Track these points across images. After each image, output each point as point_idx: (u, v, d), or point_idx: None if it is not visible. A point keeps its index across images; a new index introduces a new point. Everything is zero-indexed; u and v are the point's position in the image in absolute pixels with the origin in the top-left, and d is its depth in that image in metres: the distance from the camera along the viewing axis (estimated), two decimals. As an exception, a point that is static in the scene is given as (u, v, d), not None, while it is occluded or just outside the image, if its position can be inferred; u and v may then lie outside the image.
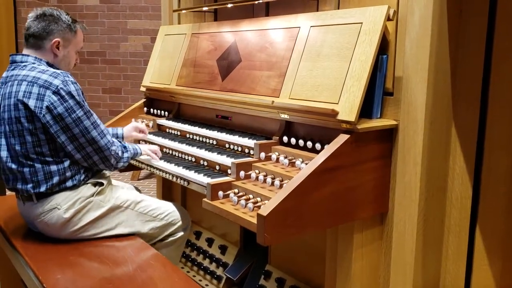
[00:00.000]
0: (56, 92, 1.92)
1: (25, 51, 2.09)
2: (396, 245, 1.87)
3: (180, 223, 2.29)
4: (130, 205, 2.17)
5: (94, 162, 2.06)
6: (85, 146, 2.01)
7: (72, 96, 1.95)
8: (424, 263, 1.86)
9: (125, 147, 2.22)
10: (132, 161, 2.62)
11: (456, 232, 1.89)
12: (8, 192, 4.32)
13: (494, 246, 1.87)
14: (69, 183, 2.03)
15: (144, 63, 5.85)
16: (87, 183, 2.09)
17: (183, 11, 2.94)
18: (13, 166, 2.01)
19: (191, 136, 2.54)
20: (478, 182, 1.84)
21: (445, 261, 1.93)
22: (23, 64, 2.04)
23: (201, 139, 2.46)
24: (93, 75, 6.04)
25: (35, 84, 1.94)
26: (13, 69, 2.05)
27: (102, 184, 2.12)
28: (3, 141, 2.01)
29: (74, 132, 1.96)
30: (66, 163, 2.02)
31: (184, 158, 2.41)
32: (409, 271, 1.83)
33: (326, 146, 1.77)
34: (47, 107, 1.91)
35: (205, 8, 2.75)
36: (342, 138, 1.74)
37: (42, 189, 2.00)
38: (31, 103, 1.92)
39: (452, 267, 1.91)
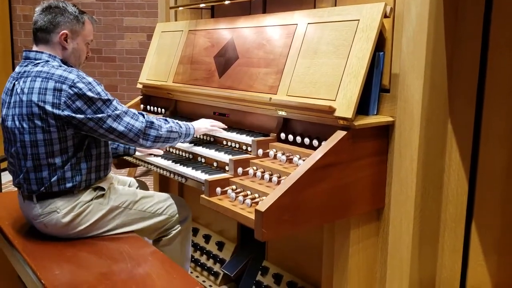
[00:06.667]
0: (72, 86, 1.90)
1: (35, 48, 2.05)
2: (393, 241, 1.89)
3: (177, 215, 2.28)
4: (129, 205, 2.16)
5: (125, 143, 2.05)
6: (106, 135, 1.98)
7: (90, 88, 1.92)
8: (420, 259, 1.88)
9: (152, 122, 2.07)
10: (128, 158, 2.62)
11: (452, 228, 1.90)
12: (4, 189, 4.32)
13: (490, 241, 1.88)
14: (68, 184, 2.00)
15: (141, 60, 5.84)
16: (88, 188, 2.07)
17: (180, 8, 2.94)
18: (11, 160, 2.04)
19: (188, 133, 2.53)
20: (474, 178, 1.86)
21: (441, 256, 1.94)
22: (37, 61, 2.01)
23: (198, 136, 2.47)
24: (89, 72, 5.91)
25: (50, 80, 1.91)
26: (26, 66, 2.02)
27: (103, 189, 2.11)
28: (12, 137, 2.00)
29: (92, 124, 1.93)
30: (66, 167, 1.98)
31: (182, 155, 2.42)
32: (406, 266, 1.85)
33: (323, 143, 1.78)
34: (65, 102, 1.89)
35: (202, 5, 2.75)
36: (339, 134, 1.75)
37: (41, 189, 1.98)
38: (48, 99, 1.89)
39: (448, 262, 1.93)
